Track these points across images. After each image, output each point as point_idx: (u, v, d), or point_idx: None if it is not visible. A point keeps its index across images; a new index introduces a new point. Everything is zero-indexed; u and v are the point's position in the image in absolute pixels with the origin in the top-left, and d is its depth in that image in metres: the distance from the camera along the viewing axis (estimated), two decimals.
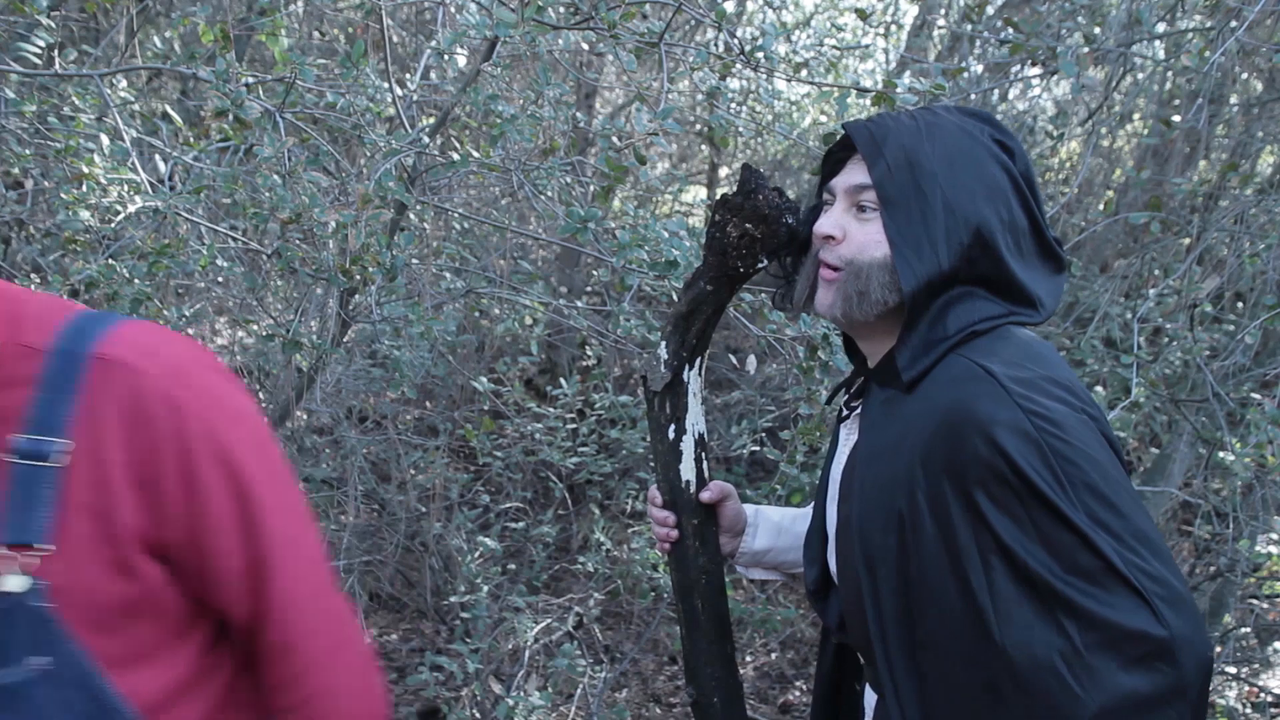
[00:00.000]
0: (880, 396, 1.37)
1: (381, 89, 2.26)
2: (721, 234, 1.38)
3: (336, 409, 3.49)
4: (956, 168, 1.31)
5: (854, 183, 1.35)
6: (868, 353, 1.45)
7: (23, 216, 2.73)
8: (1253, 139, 3.55)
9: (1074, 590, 1.17)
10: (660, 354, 1.47)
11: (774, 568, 1.66)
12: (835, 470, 1.49)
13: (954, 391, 1.24)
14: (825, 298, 1.37)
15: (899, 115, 1.37)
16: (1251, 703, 3.41)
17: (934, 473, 1.24)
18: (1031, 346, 1.31)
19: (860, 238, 1.34)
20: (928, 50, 5.21)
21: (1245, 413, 2.53)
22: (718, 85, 2.35)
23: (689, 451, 1.50)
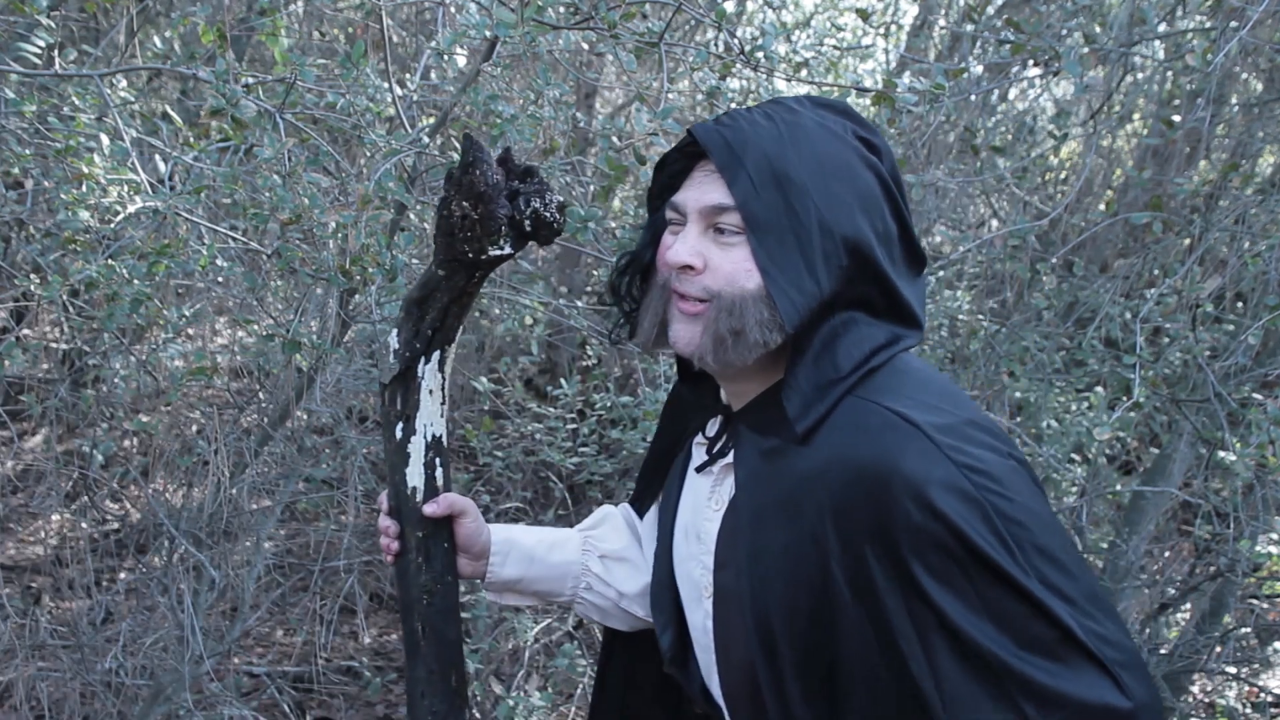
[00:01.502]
0: (759, 445, 1.20)
1: (381, 89, 2.26)
2: (447, 213, 1.20)
3: (336, 409, 3.48)
4: (827, 177, 1.13)
5: (710, 203, 1.15)
6: (731, 392, 1.27)
7: (23, 216, 2.73)
8: (1253, 139, 3.55)
9: (1031, 666, 1.03)
10: (390, 343, 1.31)
11: (530, 595, 1.49)
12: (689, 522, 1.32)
13: (870, 445, 1.08)
14: (687, 334, 1.17)
15: (752, 115, 1.17)
16: (1251, 703, 3.41)
17: (852, 540, 1.08)
18: (934, 381, 1.18)
19: (726, 267, 1.14)
20: (928, 50, 5.20)
21: (1246, 413, 2.53)
22: (718, 85, 2.35)
23: (418, 455, 1.33)
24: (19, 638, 3.04)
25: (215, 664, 3.01)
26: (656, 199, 1.26)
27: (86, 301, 2.99)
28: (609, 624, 1.54)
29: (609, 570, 1.49)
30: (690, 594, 1.33)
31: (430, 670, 1.36)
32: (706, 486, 1.30)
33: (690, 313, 1.17)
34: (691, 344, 1.16)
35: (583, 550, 1.50)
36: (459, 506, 1.37)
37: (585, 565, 1.49)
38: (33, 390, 3.30)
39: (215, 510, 3.06)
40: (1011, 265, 3.39)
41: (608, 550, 1.50)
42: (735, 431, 1.25)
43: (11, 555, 3.81)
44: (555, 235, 1.21)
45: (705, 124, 1.17)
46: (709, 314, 1.15)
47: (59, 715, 2.97)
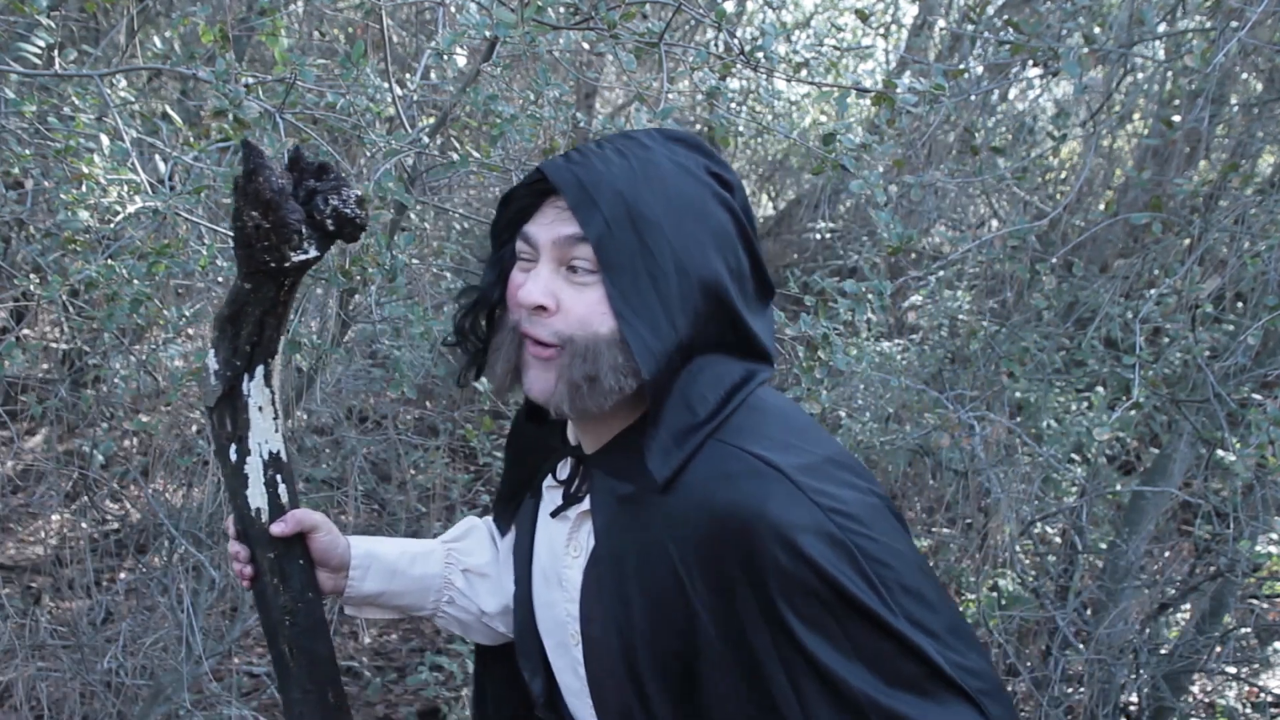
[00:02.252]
0: (615, 491, 1.17)
1: (381, 89, 2.26)
2: (240, 223, 1.15)
3: (336, 409, 3.49)
4: (682, 216, 1.10)
5: (564, 234, 1.10)
6: (583, 433, 1.22)
7: (23, 216, 2.73)
8: (1253, 139, 3.55)
9: (900, 703, 1.05)
10: (209, 364, 1.25)
11: (391, 609, 1.45)
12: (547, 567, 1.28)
13: (733, 491, 1.06)
14: (540, 381, 1.13)
15: (603, 150, 1.13)
16: (1251, 703, 3.41)
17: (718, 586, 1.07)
18: (792, 418, 1.16)
19: (579, 310, 1.10)
20: (927, 50, 5.21)
21: (1246, 413, 2.53)
22: (718, 85, 2.35)
23: (256, 475, 1.29)
24: (19, 638, 3.04)
25: (215, 664, 3.02)
26: (504, 232, 1.20)
27: (86, 301, 2.99)
28: (470, 637, 1.51)
29: (472, 586, 1.46)
30: (556, 639, 1.30)
31: (305, 690, 1.31)
32: (563, 532, 1.26)
33: (542, 357, 1.12)
34: (546, 392, 1.13)
35: (445, 563, 1.45)
36: (308, 522, 1.31)
37: (447, 579, 1.45)
38: (33, 390, 3.30)
39: (215, 510, 3.06)
40: (1011, 265, 3.40)
41: (471, 565, 1.46)
42: (589, 476, 1.22)
43: (11, 555, 3.81)
44: (360, 230, 1.17)
45: (555, 160, 1.13)
46: (562, 360, 1.11)
47: (59, 715, 2.97)
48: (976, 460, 3.15)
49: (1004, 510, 3.09)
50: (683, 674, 1.12)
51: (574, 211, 1.09)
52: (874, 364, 3.19)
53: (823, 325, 2.29)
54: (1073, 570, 3.39)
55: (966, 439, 2.85)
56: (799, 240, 6.20)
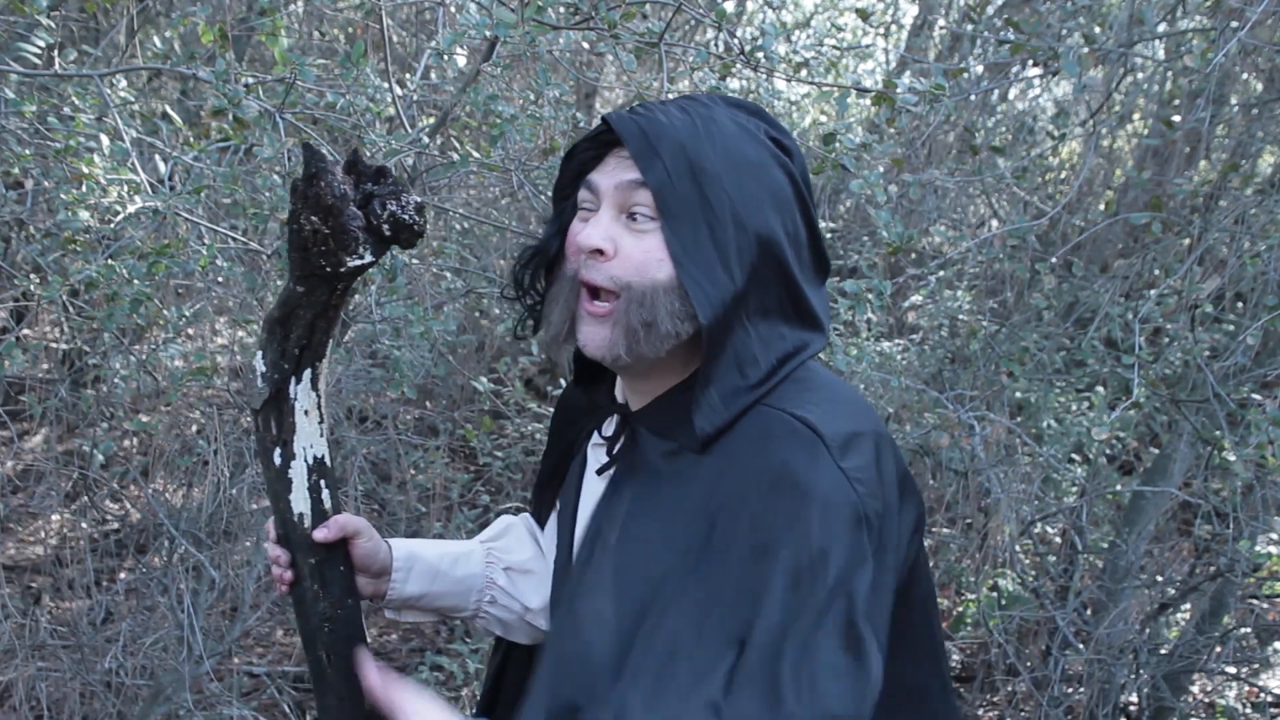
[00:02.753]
0: (659, 448, 1.17)
1: (381, 89, 2.26)
2: (297, 227, 1.14)
3: (336, 409, 3.49)
4: (741, 172, 1.12)
5: (627, 178, 1.12)
6: (632, 390, 1.23)
7: (23, 216, 2.73)
8: (1253, 139, 3.55)
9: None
10: (257, 366, 1.24)
11: (431, 611, 1.45)
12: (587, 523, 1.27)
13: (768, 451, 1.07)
14: (598, 336, 1.13)
15: (667, 107, 1.15)
16: (1251, 703, 3.41)
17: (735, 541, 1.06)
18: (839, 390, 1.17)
19: (637, 255, 1.11)
20: (928, 50, 5.21)
21: (1245, 413, 2.53)
22: (718, 85, 2.35)
23: (300, 479, 1.27)
24: (19, 638, 3.04)
25: (215, 664, 3.01)
26: (566, 188, 1.21)
27: (86, 301, 2.99)
28: (511, 637, 1.50)
29: (514, 583, 1.46)
30: None
31: (340, 699, 1.30)
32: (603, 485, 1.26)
33: (598, 314, 1.13)
34: (602, 346, 1.13)
35: (486, 563, 1.45)
36: (351, 527, 1.31)
37: (490, 578, 1.44)
38: (33, 390, 3.30)
39: (215, 510, 3.06)
40: (1011, 265, 3.40)
41: (512, 563, 1.46)
42: (634, 431, 1.22)
43: (11, 555, 3.81)
44: (417, 238, 1.16)
45: (619, 113, 1.15)
46: (619, 309, 1.12)
47: (59, 715, 2.97)
48: (976, 460, 3.15)
49: (1004, 510, 3.09)
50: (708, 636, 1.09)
51: (636, 159, 1.11)
52: (874, 364, 3.19)
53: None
54: (1073, 570, 3.39)
55: (966, 439, 2.85)
56: None
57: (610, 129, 1.14)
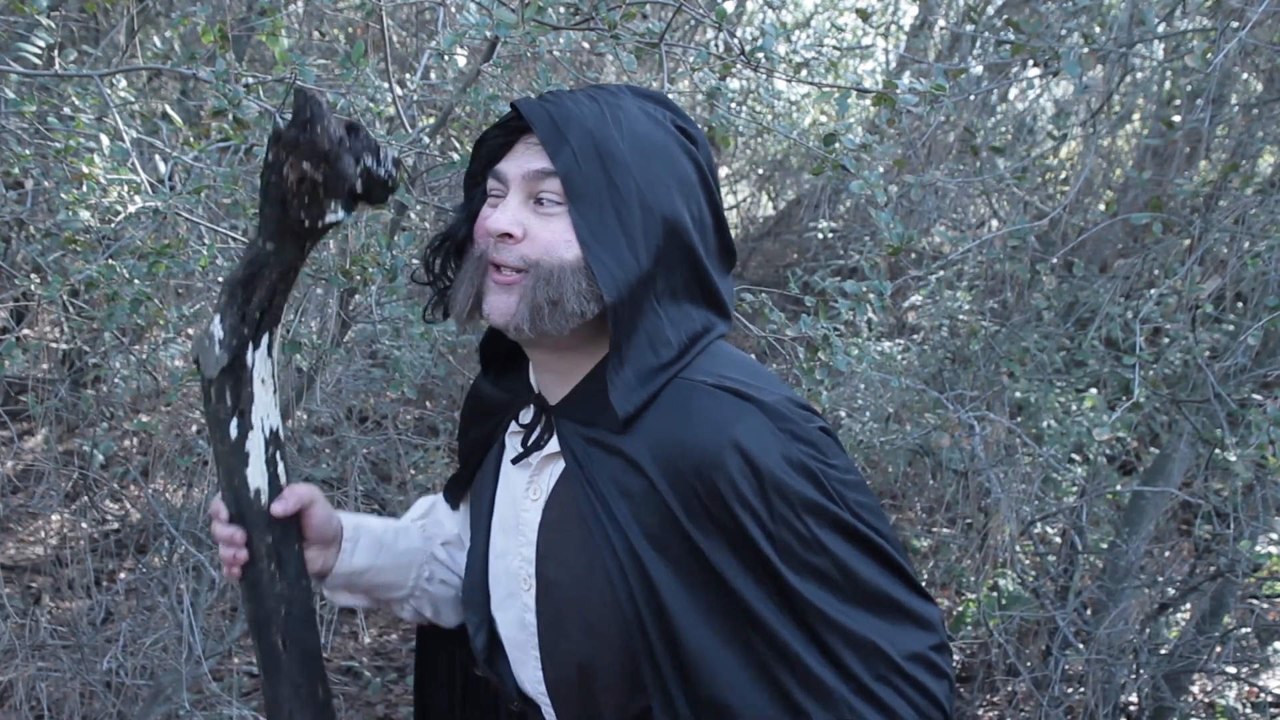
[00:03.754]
0: (581, 433, 1.19)
1: (381, 89, 2.26)
2: (278, 178, 1.09)
3: (336, 409, 3.49)
4: (648, 157, 1.15)
5: (533, 168, 1.14)
6: (546, 377, 1.25)
7: (23, 216, 2.73)
8: (1253, 139, 3.55)
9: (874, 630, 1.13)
10: (214, 331, 1.16)
11: (365, 591, 1.40)
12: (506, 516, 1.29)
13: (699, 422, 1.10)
14: (503, 304, 1.15)
15: (577, 96, 1.17)
16: (1251, 703, 3.41)
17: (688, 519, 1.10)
18: (750, 364, 1.21)
19: (545, 236, 1.13)
20: (928, 50, 5.21)
21: (1246, 413, 2.53)
22: (718, 85, 2.35)
23: (257, 452, 1.21)
24: (19, 638, 3.03)
25: (215, 664, 3.01)
26: (476, 175, 1.23)
27: (86, 301, 2.99)
28: (439, 620, 1.47)
29: (452, 557, 1.45)
30: (505, 589, 1.30)
31: (296, 686, 1.23)
32: (524, 478, 1.28)
33: (505, 282, 1.15)
34: (507, 314, 1.15)
35: (425, 538, 1.44)
36: (306, 496, 1.26)
37: (430, 553, 1.43)
38: (33, 390, 3.30)
39: None
40: (1011, 265, 3.40)
41: (448, 536, 1.46)
42: (553, 420, 1.24)
43: (11, 555, 3.81)
44: (389, 193, 1.13)
45: (529, 99, 1.17)
46: (525, 283, 1.13)
47: (59, 715, 2.97)
48: (976, 460, 3.15)
49: (1004, 510, 3.09)
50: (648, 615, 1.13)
51: (544, 145, 1.13)
52: (874, 364, 3.19)
53: (823, 326, 2.29)
54: (1073, 570, 3.39)
55: (966, 439, 2.85)
56: (799, 240, 6.20)
57: (520, 116, 1.16)
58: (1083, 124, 3.88)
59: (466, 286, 1.18)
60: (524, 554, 1.26)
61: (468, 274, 1.19)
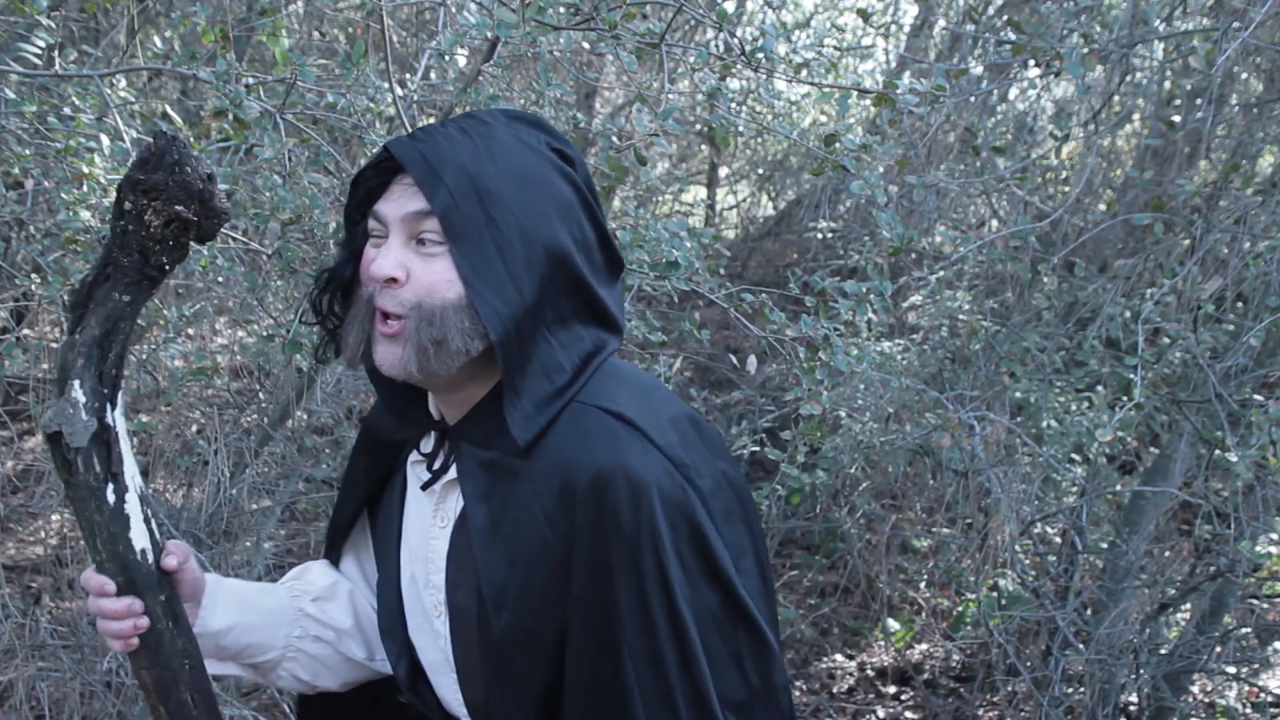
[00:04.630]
0: (480, 458, 1.20)
1: (381, 89, 2.26)
2: (138, 225, 1.05)
3: (336, 409, 3.48)
4: (525, 188, 1.15)
5: (411, 209, 1.14)
6: (444, 405, 1.26)
7: (23, 216, 2.73)
8: (1254, 139, 3.55)
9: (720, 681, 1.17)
10: (76, 397, 1.10)
11: (234, 655, 1.33)
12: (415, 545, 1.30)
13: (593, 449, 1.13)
14: (391, 355, 1.15)
15: (447, 130, 1.17)
16: (1251, 703, 3.41)
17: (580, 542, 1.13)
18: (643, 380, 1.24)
19: (427, 278, 1.13)
20: (928, 50, 5.21)
21: (1246, 414, 2.53)
22: (718, 85, 2.35)
23: (136, 513, 1.15)
24: (19, 638, 3.03)
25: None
26: (355, 213, 1.23)
27: None
28: (319, 682, 1.42)
29: (323, 610, 1.41)
30: (420, 617, 1.31)
31: None
32: (430, 505, 1.28)
33: (390, 334, 1.15)
34: (395, 364, 1.15)
35: (292, 596, 1.39)
36: (185, 548, 1.23)
37: (300, 609, 1.38)
38: (33, 390, 3.30)
39: (215, 510, 3.06)
40: (1012, 266, 3.40)
41: (318, 592, 1.42)
42: (455, 446, 1.24)
43: (11, 555, 3.80)
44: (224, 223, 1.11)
45: (401, 139, 1.17)
46: (409, 328, 1.14)
47: (59, 715, 2.97)
48: (976, 460, 3.15)
49: (1004, 510, 3.09)
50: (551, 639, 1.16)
51: (420, 186, 1.13)
52: (874, 364, 3.19)
53: (823, 326, 2.29)
54: (1073, 570, 3.39)
55: (967, 439, 2.85)
56: (799, 240, 6.20)
57: (392, 156, 1.16)
58: (1083, 124, 3.88)
59: (357, 332, 1.18)
60: (434, 581, 1.28)
61: (357, 318, 1.19)
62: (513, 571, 1.17)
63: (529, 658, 1.18)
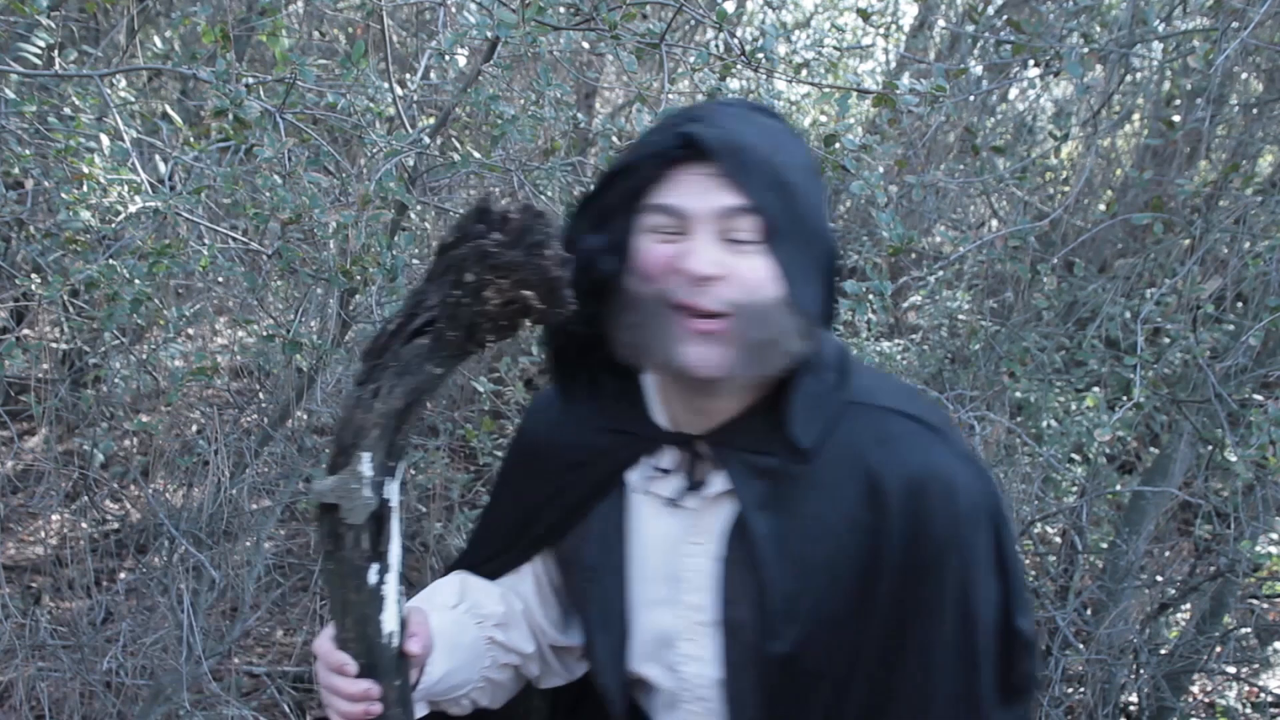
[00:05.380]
0: (756, 465, 1.14)
1: (381, 89, 2.26)
2: (474, 300, 0.95)
3: (336, 409, 3.48)
4: (811, 180, 1.10)
5: (723, 205, 1.06)
6: (693, 413, 1.16)
7: (23, 216, 2.73)
8: (1253, 139, 3.55)
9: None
10: (363, 472, 1.00)
11: (426, 697, 1.23)
12: (657, 565, 1.20)
13: (892, 451, 1.10)
14: (710, 354, 1.06)
15: (731, 115, 1.10)
16: (1251, 703, 3.41)
17: (892, 546, 1.09)
18: (891, 377, 1.23)
19: (749, 275, 1.06)
20: (928, 50, 5.21)
21: (1246, 414, 2.53)
22: (718, 86, 2.35)
23: (392, 594, 1.06)
24: (19, 638, 3.03)
25: (215, 664, 3.01)
26: (621, 208, 1.11)
27: (86, 301, 2.99)
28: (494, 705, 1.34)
29: (509, 637, 1.31)
30: (657, 640, 1.22)
31: None
32: (679, 522, 1.19)
33: (707, 330, 1.06)
34: (716, 364, 1.06)
35: (477, 624, 1.29)
36: (426, 628, 1.14)
37: (489, 638, 1.29)
38: (33, 390, 3.30)
39: (215, 510, 3.06)
40: (1012, 266, 3.40)
41: (500, 618, 1.31)
42: (719, 456, 1.15)
43: (11, 555, 3.80)
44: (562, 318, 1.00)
45: (697, 126, 1.08)
46: (734, 328, 1.06)
47: (59, 715, 2.96)
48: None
49: None
50: (840, 648, 1.12)
51: (729, 177, 1.06)
52: (874, 364, 3.19)
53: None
54: (1073, 570, 3.39)
55: (967, 439, 2.85)
56: None
57: (682, 146, 1.08)
58: (1083, 124, 3.88)
59: (662, 333, 1.07)
60: (690, 601, 1.19)
61: (652, 320, 1.08)
62: (804, 581, 1.11)
63: (815, 670, 1.13)
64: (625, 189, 1.10)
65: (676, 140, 1.08)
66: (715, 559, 1.17)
